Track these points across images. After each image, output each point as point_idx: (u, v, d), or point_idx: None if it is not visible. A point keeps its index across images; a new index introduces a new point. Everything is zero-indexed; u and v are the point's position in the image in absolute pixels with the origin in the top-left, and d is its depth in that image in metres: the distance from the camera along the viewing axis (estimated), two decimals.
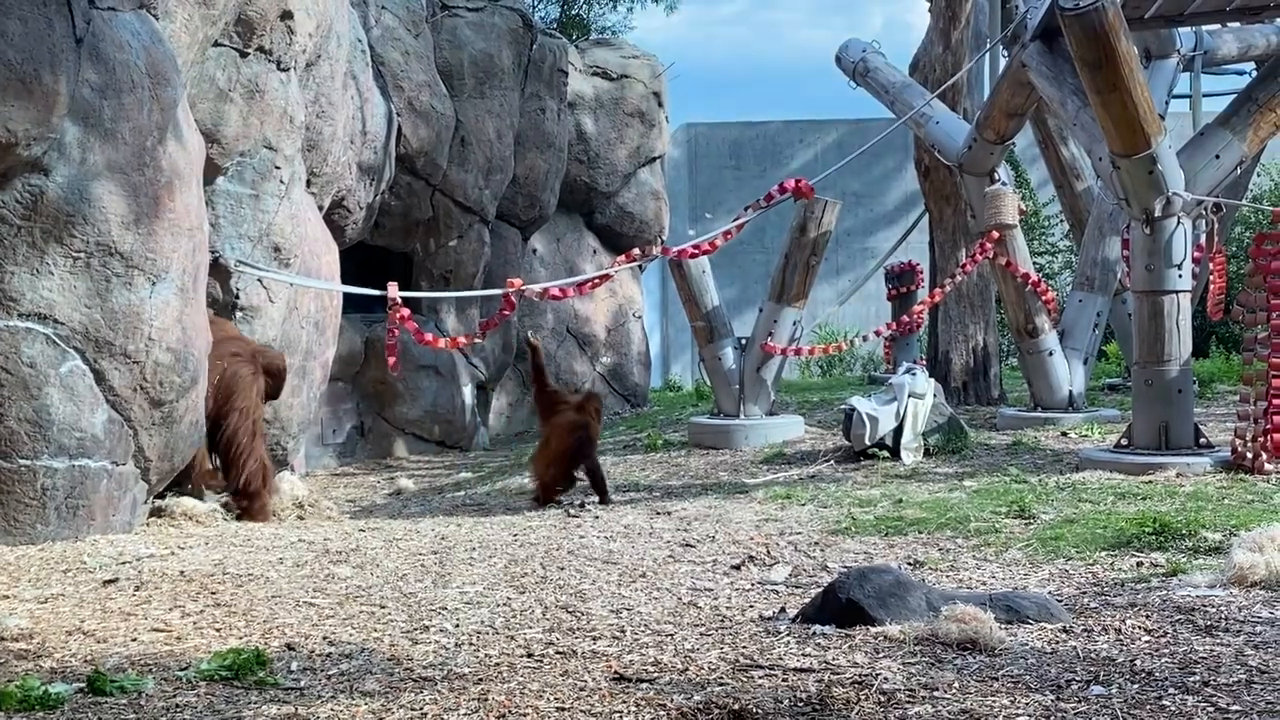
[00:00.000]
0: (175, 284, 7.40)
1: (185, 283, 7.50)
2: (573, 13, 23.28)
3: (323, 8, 9.51)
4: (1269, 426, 8.34)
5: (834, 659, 4.54)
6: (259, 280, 8.99)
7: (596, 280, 10.55)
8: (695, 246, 10.75)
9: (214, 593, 5.83)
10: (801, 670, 4.40)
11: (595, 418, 9.51)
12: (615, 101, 16.44)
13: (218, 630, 5.16)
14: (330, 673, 4.49)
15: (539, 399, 9.81)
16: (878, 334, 13.55)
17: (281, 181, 9.15)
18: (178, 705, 4.11)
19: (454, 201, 13.66)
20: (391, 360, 9.56)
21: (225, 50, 8.57)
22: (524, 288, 9.58)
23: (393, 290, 9.02)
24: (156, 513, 7.91)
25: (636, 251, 10.45)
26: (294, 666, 4.58)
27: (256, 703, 4.13)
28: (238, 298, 8.91)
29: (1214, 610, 5.16)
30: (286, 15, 8.87)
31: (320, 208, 10.54)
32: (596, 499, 9.01)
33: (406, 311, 9.12)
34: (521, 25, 14.52)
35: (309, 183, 10.12)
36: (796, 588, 5.93)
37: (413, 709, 4.02)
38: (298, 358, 9.67)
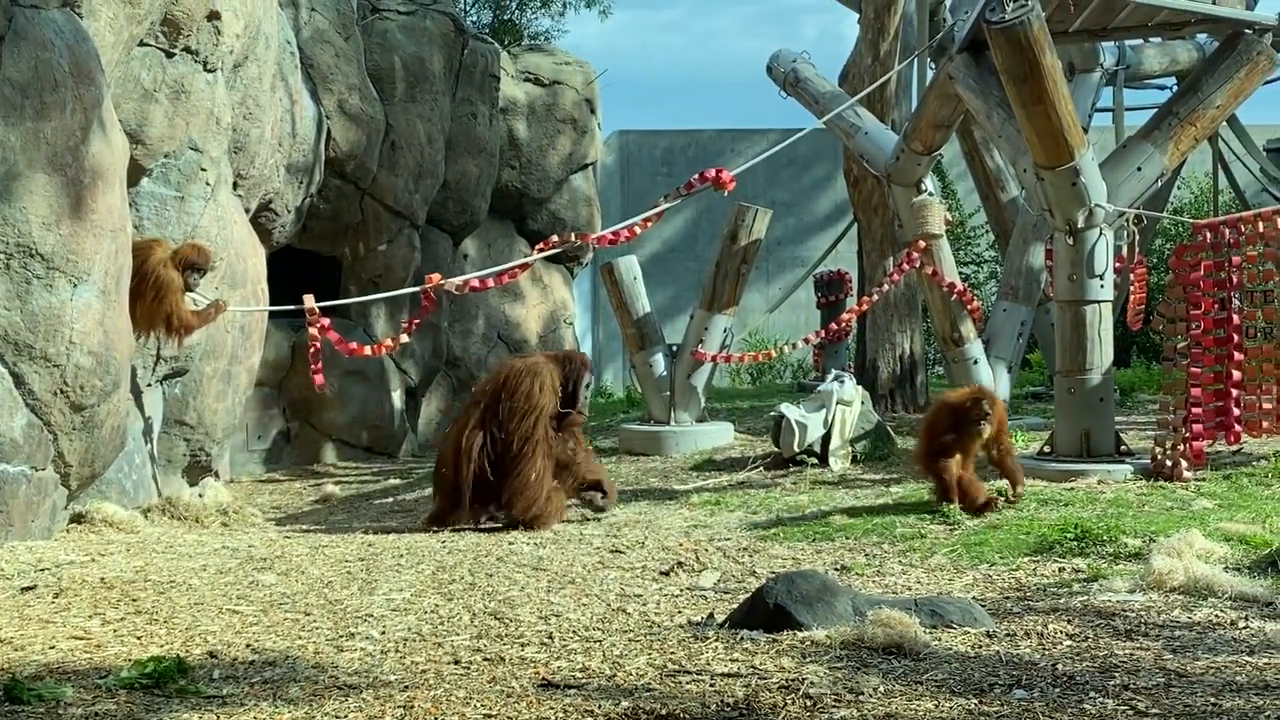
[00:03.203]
0: (97, 286, 7.28)
1: (108, 285, 7.38)
2: (505, 18, 23.20)
3: (251, 8, 9.40)
4: (1188, 435, 8.50)
5: (761, 664, 4.57)
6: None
7: (516, 269, 10.42)
8: (614, 234, 10.72)
9: (135, 600, 5.74)
10: (729, 675, 4.42)
11: None
12: (548, 107, 16.40)
13: (139, 638, 5.08)
14: (253, 680, 4.44)
15: None
16: (807, 342, 13.65)
17: (207, 183, 9.04)
18: (97, 714, 4.05)
19: (384, 206, 13.55)
20: (318, 380, 9.11)
21: (151, 50, 8.44)
22: (442, 281, 9.44)
23: (309, 301, 8.81)
24: (77, 518, 7.77)
25: (554, 239, 10.38)
26: (216, 674, 4.52)
27: (178, 711, 4.07)
28: None
29: (1133, 615, 5.25)
30: (214, 15, 8.76)
31: (247, 210, 10.42)
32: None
33: (327, 321, 8.96)
34: (453, 29, 14.45)
35: (236, 185, 10.00)
36: (725, 593, 5.95)
37: (337, 717, 3.99)
38: (222, 362, 9.54)
